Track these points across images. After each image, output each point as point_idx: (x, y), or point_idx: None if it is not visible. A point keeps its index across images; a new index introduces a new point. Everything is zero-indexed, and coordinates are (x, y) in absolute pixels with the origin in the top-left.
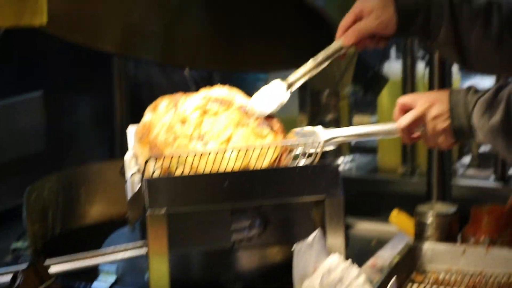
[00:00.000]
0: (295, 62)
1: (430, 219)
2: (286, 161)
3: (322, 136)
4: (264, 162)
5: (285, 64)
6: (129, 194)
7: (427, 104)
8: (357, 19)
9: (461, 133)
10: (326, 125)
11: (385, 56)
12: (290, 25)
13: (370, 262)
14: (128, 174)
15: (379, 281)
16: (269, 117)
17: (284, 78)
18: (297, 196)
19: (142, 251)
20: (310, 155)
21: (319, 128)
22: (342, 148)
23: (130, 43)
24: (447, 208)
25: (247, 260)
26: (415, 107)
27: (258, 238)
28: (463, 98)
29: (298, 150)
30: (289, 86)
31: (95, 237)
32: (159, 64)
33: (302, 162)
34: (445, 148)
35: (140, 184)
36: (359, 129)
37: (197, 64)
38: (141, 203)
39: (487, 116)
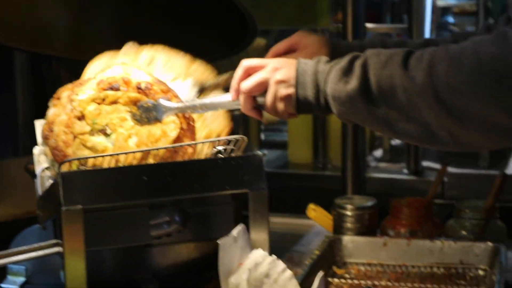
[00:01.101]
0: (209, 52)
1: (349, 212)
2: (206, 152)
3: (165, 107)
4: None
5: (198, 54)
6: (40, 191)
7: (273, 68)
8: (290, 50)
9: (305, 104)
10: (235, 121)
11: None
12: (202, 15)
13: (287, 256)
14: (38, 169)
15: (302, 276)
16: (166, 88)
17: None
18: (220, 190)
19: (53, 249)
20: (231, 151)
21: (162, 100)
22: (251, 143)
23: (38, 39)
24: (366, 201)
25: (165, 256)
26: (260, 71)
27: (178, 234)
28: (312, 67)
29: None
30: (202, 90)
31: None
32: (67, 59)
33: (223, 155)
34: (283, 117)
35: (51, 180)
36: (201, 101)
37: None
38: (53, 199)
39: (343, 82)
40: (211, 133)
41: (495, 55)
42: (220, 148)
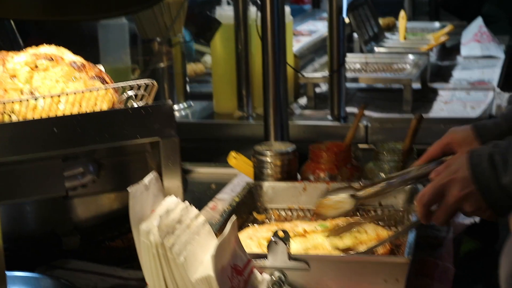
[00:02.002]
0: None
1: (268, 158)
2: (119, 106)
3: None
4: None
5: (117, 9)
6: None
7: (456, 200)
8: (445, 152)
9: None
10: (160, 73)
11: (216, 1)
12: None
13: (211, 204)
14: None
15: (220, 222)
16: (99, 71)
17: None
18: (131, 139)
19: None
20: (142, 97)
21: None
22: (177, 95)
23: None
24: (285, 147)
25: (85, 208)
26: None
27: (93, 185)
28: (492, 181)
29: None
30: (357, 200)
31: None
32: None
33: (135, 105)
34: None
35: None
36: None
37: (24, 13)
38: None
39: None
40: None
41: None
42: (131, 93)
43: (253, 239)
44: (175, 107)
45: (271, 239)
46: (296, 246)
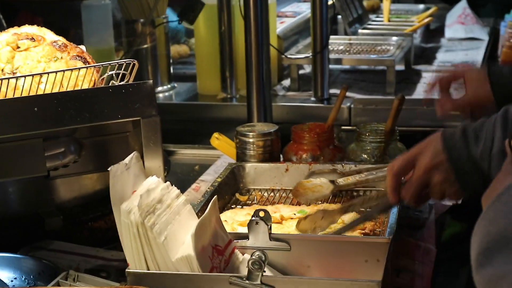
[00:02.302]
0: None
1: (251, 139)
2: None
3: None
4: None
5: None
6: None
7: (425, 170)
8: (456, 79)
9: (472, 185)
10: (143, 54)
11: None
12: None
13: (194, 186)
14: None
15: (202, 202)
16: (81, 51)
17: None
18: (112, 118)
19: None
20: (124, 77)
21: None
22: (161, 76)
23: None
24: (268, 128)
25: (68, 189)
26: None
27: (75, 165)
28: (464, 151)
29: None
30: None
31: None
32: None
33: (115, 81)
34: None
35: None
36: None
37: None
38: None
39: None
40: None
41: None
42: (112, 72)
43: (228, 222)
44: (159, 88)
45: (252, 218)
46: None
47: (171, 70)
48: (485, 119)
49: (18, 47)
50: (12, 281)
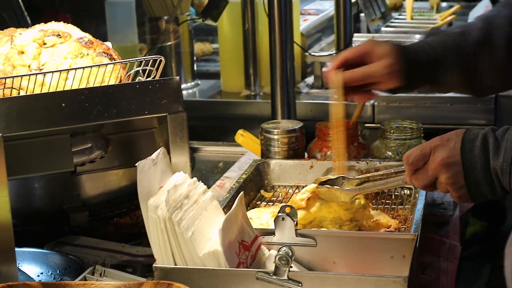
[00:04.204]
0: None
1: (276, 136)
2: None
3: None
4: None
5: None
6: None
7: (438, 166)
8: (360, 58)
9: (480, 196)
10: (167, 52)
11: None
12: None
13: (218, 182)
14: None
15: (227, 199)
16: (107, 48)
17: None
18: (138, 114)
19: None
20: (150, 73)
21: None
22: (185, 73)
23: None
24: (292, 125)
25: (94, 185)
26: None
27: (101, 161)
28: (480, 162)
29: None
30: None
31: None
32: None
33: (142, 77)
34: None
35: None
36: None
37: None
38: None
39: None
40: None
41: None
42: (138, 69)
43: (254, 220)
44: (183, 85)
45: (278, 214)
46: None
47: (195, 68)
48: (508, 126)
49: (45, 44)
50: (38, 276)
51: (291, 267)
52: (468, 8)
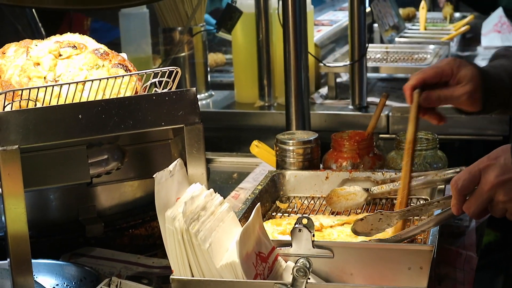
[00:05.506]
0: None
1: (291, 147)
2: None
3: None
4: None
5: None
6: None
7: (491, 187)
8: (440, 79)
9: None
10: (181, 63)
11: None
12: None
13: (233, 193)
14: None
15: (243, 210)
16: (123, 59)
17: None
18: (155, 126)
19: None
20: (166, 84)
21: None
22: (198, 84)
23: None
24: (308, 136)
25: (109, 196)
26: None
27: (117, 172)
28: None
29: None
30: (370, 195)
31: None
32: (6, 5)
33: (158, 92)
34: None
35: None
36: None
37: (45, 2)
38: None
39: None
40: None
41: None
42: (155, 80)
43: (269, 231)
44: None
45: (295, 226)
46: None
47: (209, 78)
48: None
49: (60, 55)
50: (54, 287)
51: (309, 278)
52: (481, 18)
